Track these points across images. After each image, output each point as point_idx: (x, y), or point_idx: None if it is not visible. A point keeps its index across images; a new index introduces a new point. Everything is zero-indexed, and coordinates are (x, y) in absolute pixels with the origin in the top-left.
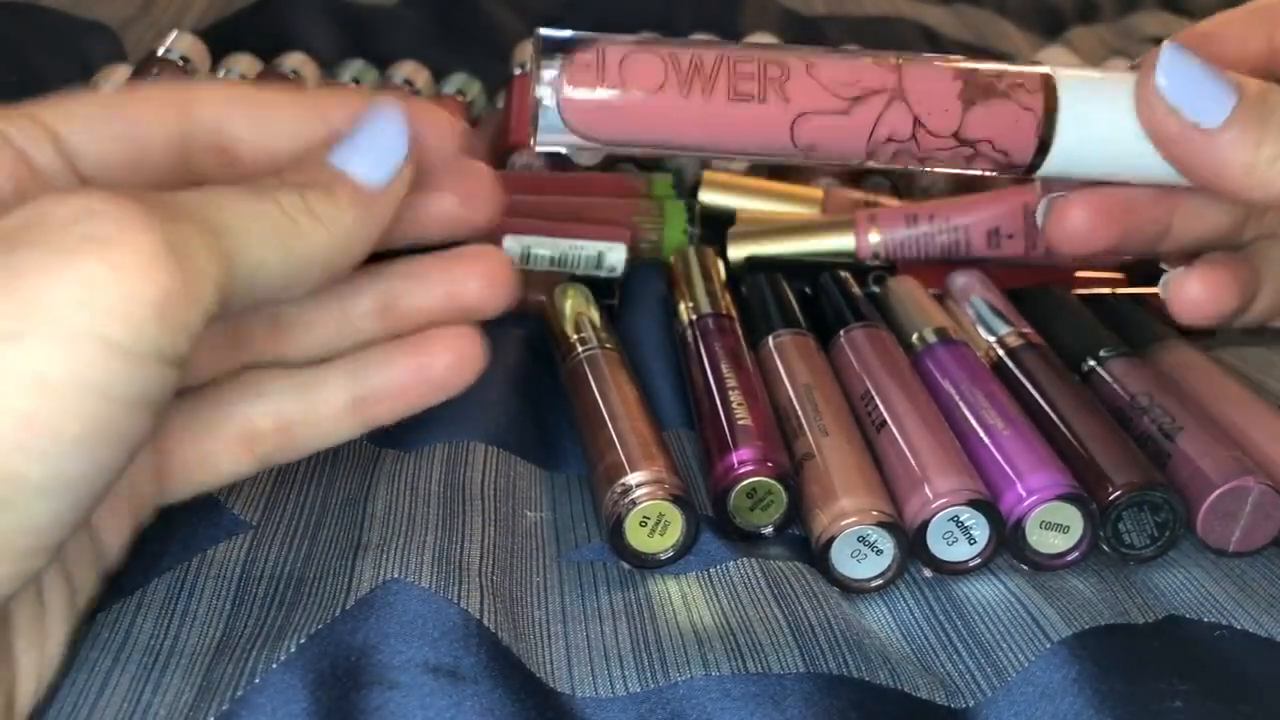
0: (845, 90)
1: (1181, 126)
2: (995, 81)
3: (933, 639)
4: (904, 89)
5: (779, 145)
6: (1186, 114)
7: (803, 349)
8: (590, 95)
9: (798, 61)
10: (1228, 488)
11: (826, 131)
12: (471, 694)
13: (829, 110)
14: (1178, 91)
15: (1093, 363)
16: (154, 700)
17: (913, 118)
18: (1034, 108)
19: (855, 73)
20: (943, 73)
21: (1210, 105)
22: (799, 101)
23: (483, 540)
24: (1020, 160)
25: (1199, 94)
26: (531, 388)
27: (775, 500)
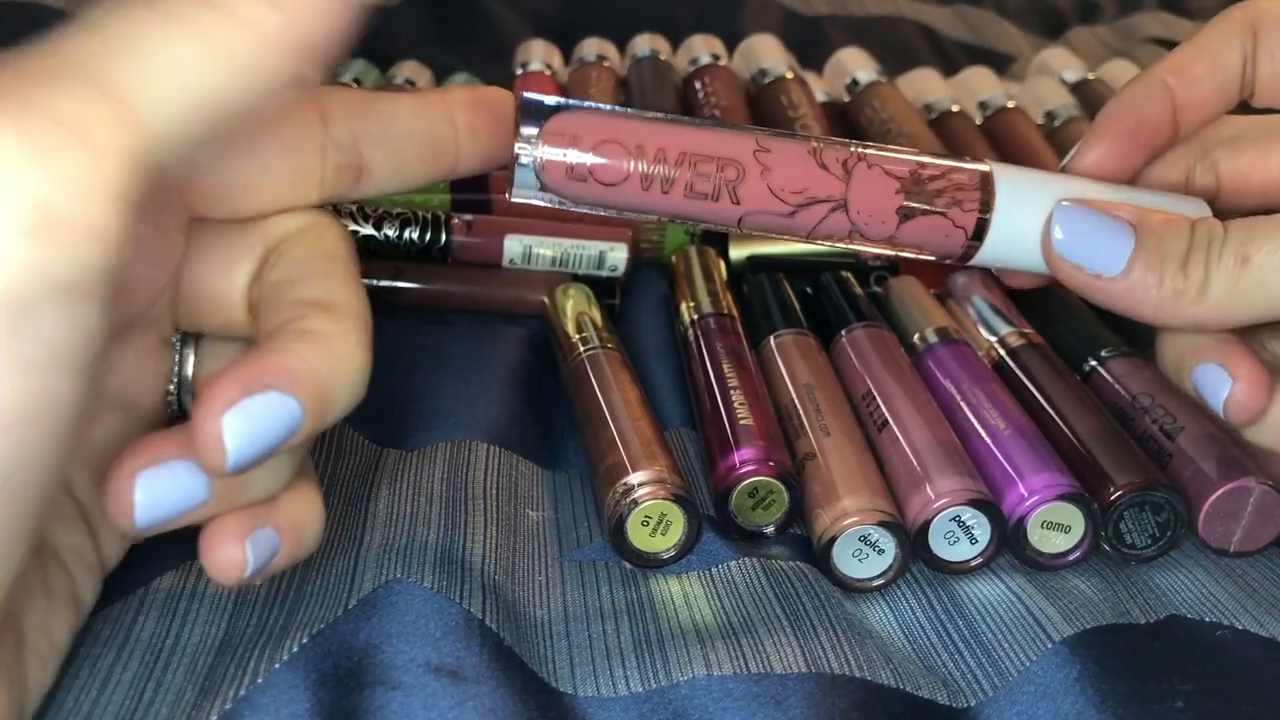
0: (793, 198)
1: (1086, 278)
2: (936, 197)
3: (934, 639)
4: (848, 200)
5: (727, 225)
6: (1087, 268)
7: (804, 349)
8: (561, 160)
9: (754, 164)
10: (1229, 488)
11: (771, 224)
12: (474, 694)
13: (775, 212)
14: (1076, 248)
15: (1094, 362)
16: (156, 698)
17: (849, 226)
18: (965, 227)
19: (806, 179)
20: (888, 185)
21: (1108, 255)
22: (748, 203)
23: (485, 540)
24: (949, 260)
25: (1096, 246)
26: (533, 387)
27: (777, 500)
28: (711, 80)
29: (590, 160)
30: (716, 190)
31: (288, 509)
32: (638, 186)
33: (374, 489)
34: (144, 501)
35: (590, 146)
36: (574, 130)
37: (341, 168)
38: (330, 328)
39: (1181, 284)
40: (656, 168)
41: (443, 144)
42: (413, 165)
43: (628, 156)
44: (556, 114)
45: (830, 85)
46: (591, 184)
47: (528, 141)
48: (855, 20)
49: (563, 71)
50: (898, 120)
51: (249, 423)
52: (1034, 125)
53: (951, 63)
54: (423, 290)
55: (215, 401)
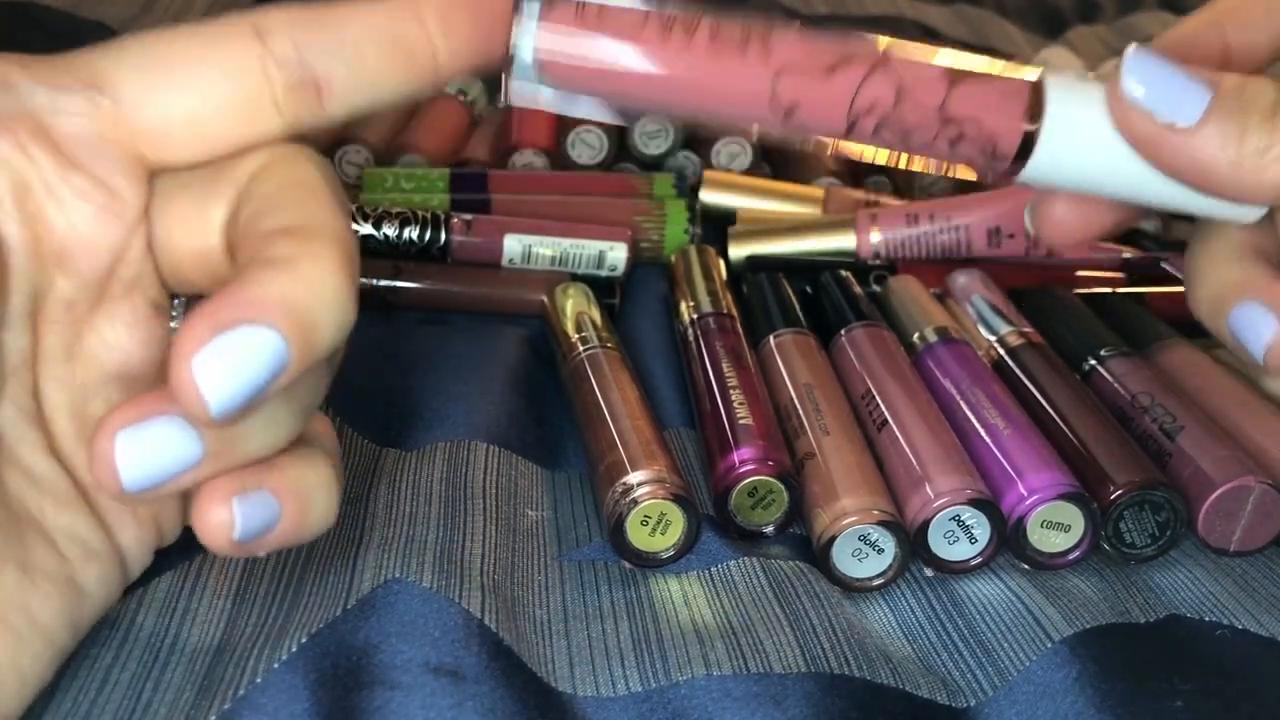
0: (829, 54)
1: (1157, 128)
2: (980, 75)
3: (934, 638)
4: (889, 59)
5: (758, 106)
6: (1159, 115)
7: (804, 348)
8: (567, 40)
9: (785, 29)
10: (1229, 487)
11: (808, 93)
12: (473, 694)
13: (811, 69)
14: (1147, 91)
15: (1093, 362)
16: (154, 698)
17: (896, 88)
18: (1021, 93)
19: (841, 43)
20: (929, 53)
21: (1183, 104)
22: (781, 56)
23: (484, 539)
24: (1005, 150)
25: (1170, 93)
26: (533, 387)
27: (776, 499)
28: None
29: (600, 31)
30: (745, 39)
31: (289, 473)
32: (654, 51)
33: (373, 489)
34: (128, 460)
35: (596, 13)
36: (577, 4)
37: (293, 86)
38: (298, 250)
39: (1268, 138)
40: (673, 26)
41: (414, 45)
42: (382, 72)
43: (642, 18)
44: None
45: None
46: (601, 59)
47: (527, 25)
48: (855, 20)
49: None
50: None
51: (224, 362)
52: None
53: None
54: (422, 290)
55: (184, 345)
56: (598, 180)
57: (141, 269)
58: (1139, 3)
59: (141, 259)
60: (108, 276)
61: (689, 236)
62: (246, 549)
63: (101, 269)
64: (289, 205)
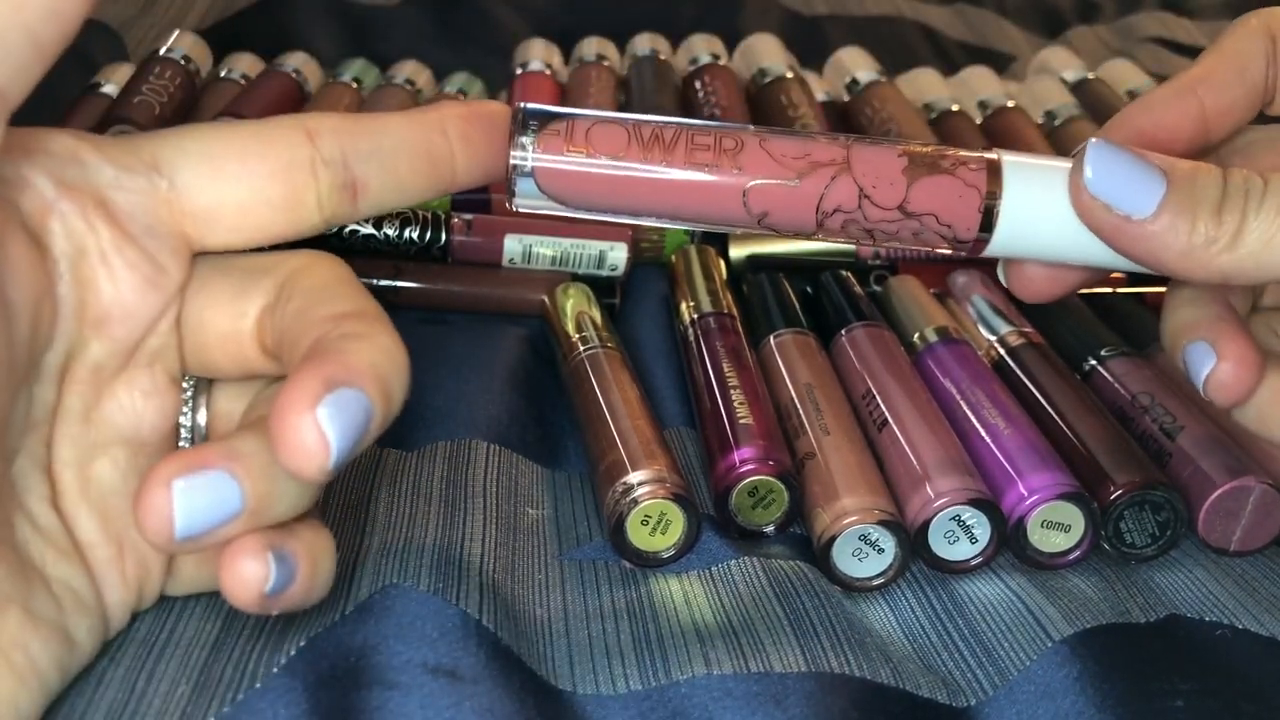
0: (795, 164)
1: (1114, 218)
2: (940, 159)
3: (934, 638)
4: (850, 163)
5: (734, 213)
6: (1117, 208)
7: (804, 348)
8: (559, 161)
9: (751, 136)
10: (1229, 487)
11: (777, 201)
12: (470, 694)
13: (780, 179)
14: (1106, 185)
15: (1094, 362)
16: (148, 689)
17: (858, 190)
18: (977, 185)
19: (805, 147)
20: (889, 151)
21: (1140, 196)
22: (751, 171)
23: (484, 538)
24: (965, 236)
25: (1128, 186)
26: (533, 386)
27: (777, 499)
28: (711, 80)
29: (587, 149)
30: (717, 158)
31: (304, 536)
32: (637, 166)
33: (374, 490)
34: (183, 509)
35: (584, 133)
36: (570, 128)
37: (335, 186)
38: (369, 329)
39: (1215, 230)
40: (653, 144)
41: (438, 156)
42: (409, 178)
43: (624, 135)
44: (553, 120)
45: (830, 85)
46: (589, 176)
47: (524, 147)
48: (855, 20)
49: (563, 71)
50: (898, 120)
51: (339, 417)
52: (1034, 125)
53: (951, 62)
54: (422, 290)
55: (303, 398)
56: None
57: (167, 342)
58: (1139, 3)
59: (169, 332)
60: (138, 345)
61: (689, 236)
62: (267, 604)
63: (135, 337)
64: (341, 296)
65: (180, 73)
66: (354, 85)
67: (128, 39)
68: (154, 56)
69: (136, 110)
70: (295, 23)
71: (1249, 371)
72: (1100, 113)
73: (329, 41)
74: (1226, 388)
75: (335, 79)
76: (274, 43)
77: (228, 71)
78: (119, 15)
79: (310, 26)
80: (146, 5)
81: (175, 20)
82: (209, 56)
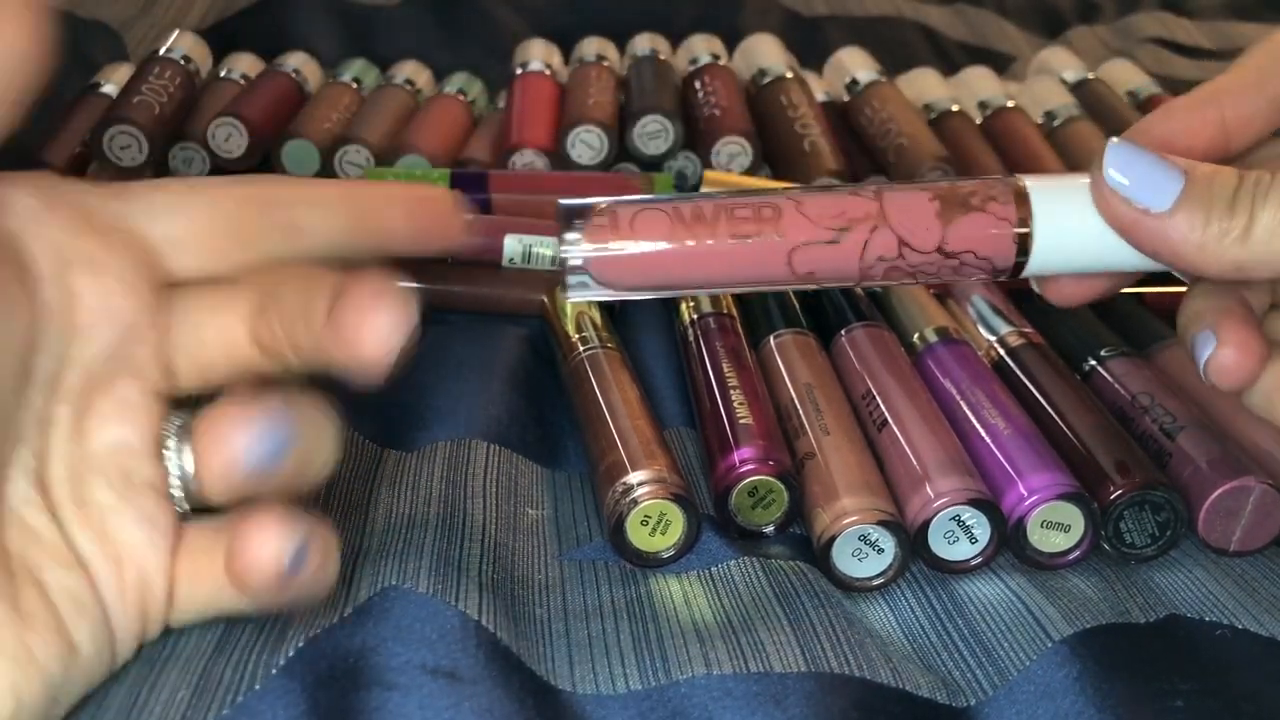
0: (833, 222)
1: (1134, 213)
2: (970, 196)
3: (934, 638)
4: (885, 214)
5: (780, 275)
6: (1136, 202)
7: (804, 348)
8: (606, 250)
9: (786, 201)
10: (1229, 487)
11: (821, 259)
12: (470, 694)
13: (819, 240)
14: (1126, 180)
15: (1093, 362)
16: (150, 698)
17: (897, 239)
18: (1009, 217)
19: (839, 205)
20: (920, 195)
21: (1158, 190)
22: (792, 236)
23: (484, 538)
24: (1003, 265)
25: (1147, 180)
26: (533, 386)
27: (777, 499)
28: (711, 80)
29: (632, 236)
30: (759, 229)
31: (318, 527)
32: (682, 246)
33: (374, 491)
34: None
35: (629, 222)
36: (612, 215)
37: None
38: None
39: (1227, 223)
40: (695, 222)
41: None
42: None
43: (666, 219)
44: (593, 210)
45: (830, 85)
46: (640, 260)
47: (573, 241)
48: (855, 20)
49: (563, 71)
50: (897, 120)
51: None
52: (1034, 125)
53: (951, 63)
54: (422, 289)
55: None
56: (598, 180)
57: (147, 358)
58: (1139, 3)
59: (148, 348)
60: (126, 353)
61: None
62: (278, 585)
63: (115, 343)
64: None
65: (180, 73)
66: (354, 85)
67: (128, 39)
68: (154, 56)
69: (136, 110)
70: (295, 23)
71: (1248, 357)
72: (1100, 113)
73: (329, 41)
74: (1225, 371)
75: (335, 79)
76: (274, 43)
77: (228, 71)
78: (119, 15)
79: (310, 26)
80: (146, 5)
81: (175, 20)
82: (209, 56)
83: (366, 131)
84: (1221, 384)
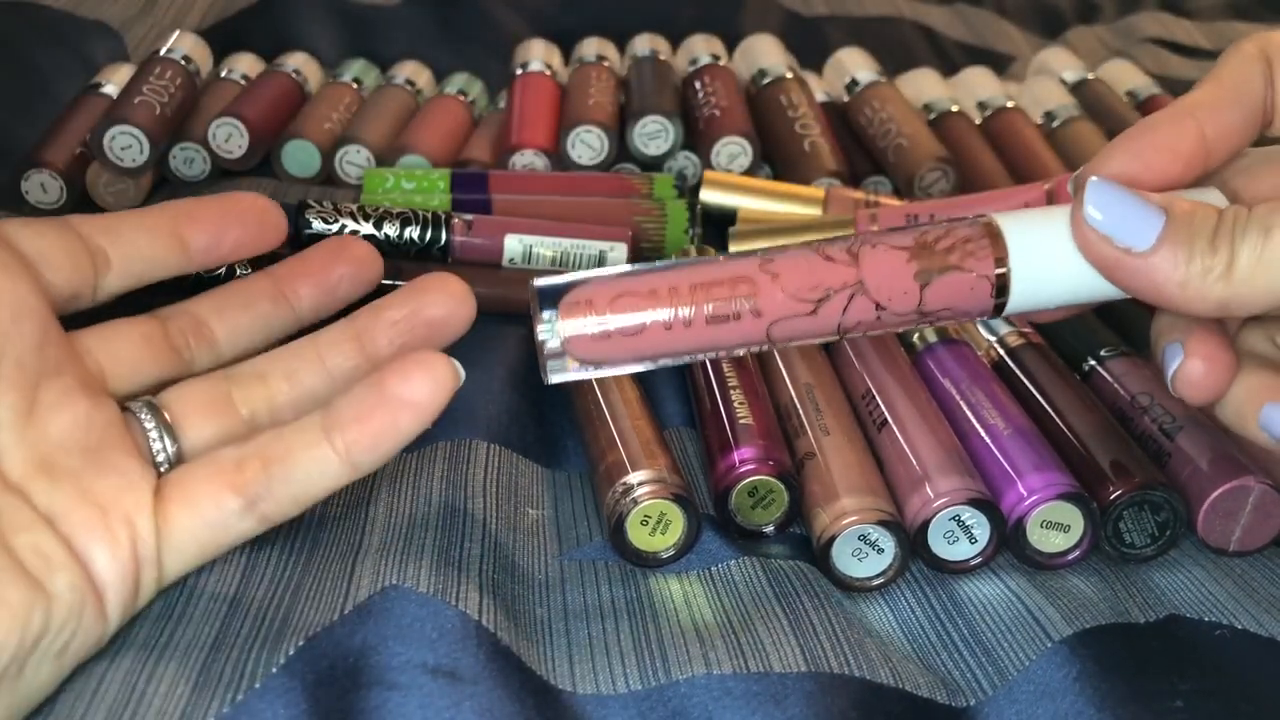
0: (809, 294)
1: (1115, 252)
2: (947, 254)
3: (934, 638)
4: (863, 281)
5: (759, 342)
6: (1118, 241)
7: (804, 348)
8: (584, 331)
9: (761, 274)
10: (1228, 487)
11: (799, 329)
12: (470, 694)
13: (798, 314)
14: (1107, 220)
15: (1093, 362)
16: (148, 689)
17: (874, 305)
18: (987, 274)
19: (816, 275)
20: (896, 256)
21: (1139, 229)
22: (770, 313)
23: (484, 538)
24: (982, 314)
25: (1128, 220)
26: (533, 386)
27: (776, 499)
28: (711, 80)
29: (609, 318)
30: (736, 310)
31: None
32: (661, 327)
33: (374, 491)
34: None
35: (606, 304)
36: (588, 297)
37: None
38: None
39: (1209, 260)
40: (672, 305)
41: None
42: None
43: (643, 302)
44: (569, 290)
45: (830, 85)
46: (618, 340)
47: (549, 323)
48: (855, 20)
49: (563, 71)
50: (897, 120)
51: None
52: (1033, 125)
53: (951, 63)
54: None
55: None
56: (598, 180)
57: (69, 357)
58: (1139, 3)
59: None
60: (45, 350)
61: (689, 237)
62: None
63: (40, 338)
64: None
65: (180, 73)
66: (354, 85)
67: (128, 39)
68: (154, 56)
69: (136, 110)
70: (295, 23)
71: (1216, 369)
72: (1100, 113)
73: (329, 41)
74: (1192, 385)
75: (335, 79)
76: (274, 43)
77: (228, 71)
78: (119, 15)
79: (310, 26)
80: (146, 5)
81: (175, 20)
82: (209, 56)
83: (366, 131)
84: (1189, 397)
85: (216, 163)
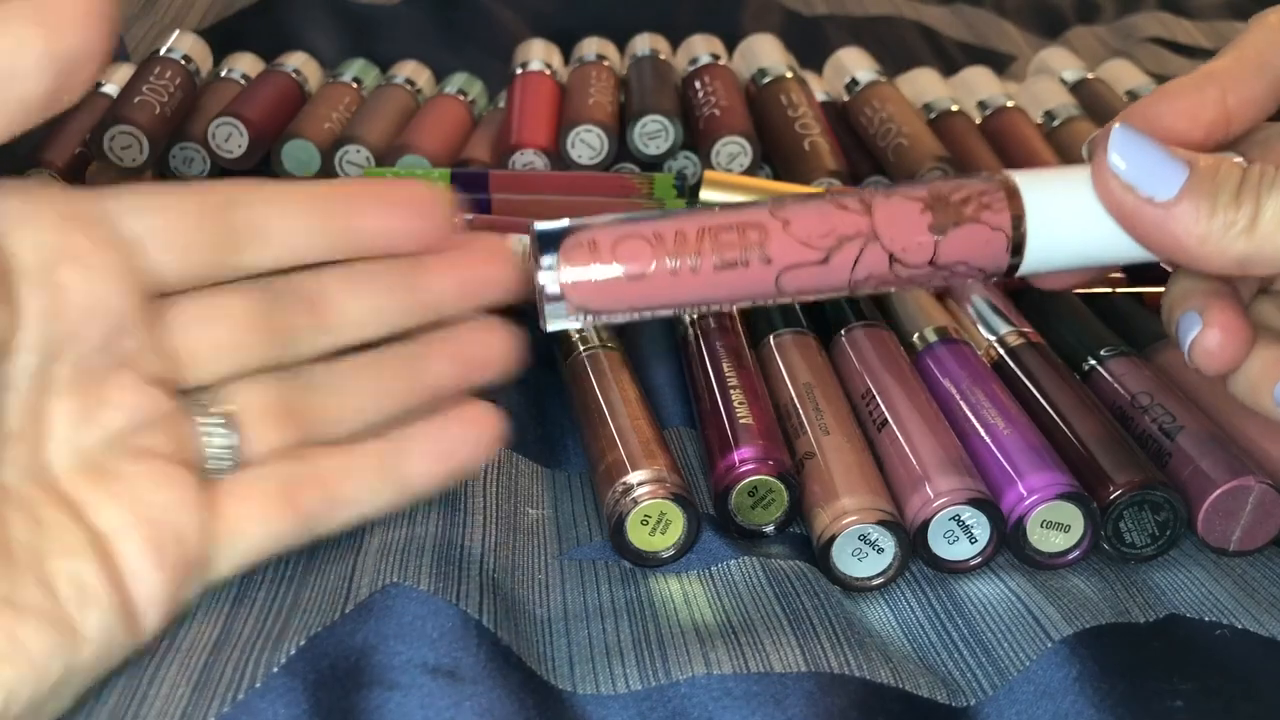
0: (821, 241)
1: (1137, 202)
2: (963, 206)
3: (934, 638)
4: (876, 230)
5: (767, 293)
6: (1140, 190)
7: (804, 348)
8: (586, 277)
9: (772, 220)
10: (1228, 487)
11: (809, 279)
12: (470, 694)
13: (808, 261)
14: (1131, 167)
15: (1093, 362)
16: (150, 691)
17: (888, 255)
18: (1003, 226)
19: (828, 221)
20: (911, 207)
21: (1162, 180)
22: (780, 260)
23: (484, 538)
24: (997, 269)
25: (1152, 169)
26: (533, 386)
27: (776, 499)
28: (711, 80)
29: (613, 263)
30: (745, 255)
31: None
32: (666, 273)
33: None
34: None
35: (610, 248)
36: (591, 239)
37: None
38: None
39: (1233, 215)
40: (679, 250)
41: None
42: None
43: (649, 246)
44: (571, 233)
45: (830, 85)
46: (621, 286)
47: (549, 269)
48: (855, 20)
49: (563, 71)
50: (897, 120)
51: None
52: (1033, 125)
53: (951, 62)
54: None
55: None
56: (598, 180)
57: (142, 350)
58: (1139, 3)
59: (140, 341)
60: (113, 346)
61: None
62: None
63: (108, 334)
64: None
65: (180, 73)
66: (354, 85)
67: (128, 39)
68: (154, 56)
69: (136, 110)
70: (295, 23)
71: (1234, 340)
72: (1099, 113)
73: (329, 41)
74: (1210, 354)
75: (335, 79)
76: (274, 43)
77: (228, 71)
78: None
79: (310, 26)
80: (146, 5)
81: (175, 20)
82: (209, 56)
83: (366, 131)
84: (1206, 367)
85: (216, 162)
